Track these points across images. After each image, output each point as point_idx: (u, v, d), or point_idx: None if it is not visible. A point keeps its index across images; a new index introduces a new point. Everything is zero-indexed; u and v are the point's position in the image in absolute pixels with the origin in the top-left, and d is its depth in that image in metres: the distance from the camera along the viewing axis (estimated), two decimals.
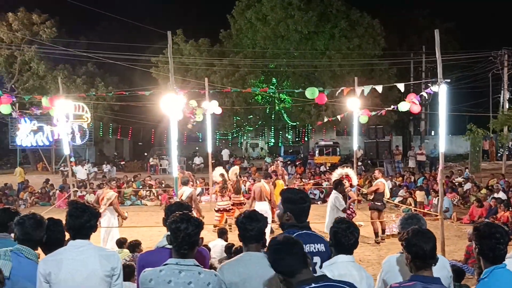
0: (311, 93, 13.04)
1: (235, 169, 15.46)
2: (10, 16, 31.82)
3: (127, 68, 29.19)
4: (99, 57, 28.38)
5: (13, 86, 32.90)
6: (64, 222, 3.84)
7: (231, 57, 32.83)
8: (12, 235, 3.99)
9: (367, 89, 13.31)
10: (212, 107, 15.90)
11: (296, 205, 3.85)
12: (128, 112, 33.14)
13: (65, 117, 16.05)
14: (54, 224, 4.09)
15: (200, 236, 3.60)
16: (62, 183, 21.00)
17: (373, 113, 17.14)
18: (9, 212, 4.30)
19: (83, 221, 3.67)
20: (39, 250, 4.01)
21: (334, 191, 11.49)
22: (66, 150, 15.43)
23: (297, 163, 30.88)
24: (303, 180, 21.96)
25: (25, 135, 27.53)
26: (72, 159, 16.31)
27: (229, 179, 14.12)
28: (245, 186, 19.93)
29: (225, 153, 35.21)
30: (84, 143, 28.93)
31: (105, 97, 29.01)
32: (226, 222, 13.39)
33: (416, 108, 13.01)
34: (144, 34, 35.29)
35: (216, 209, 13.53)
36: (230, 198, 13.48)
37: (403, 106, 13.21)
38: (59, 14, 33.77)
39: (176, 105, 10.99)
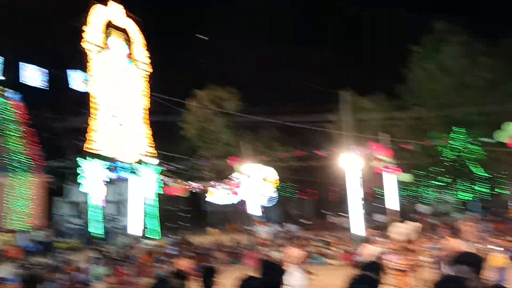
0: (501, 136, 11.83)
1: (417, 226, 14.48)
2: (199, 93, 36.00)
3: (305, 129, 30.21)
4: (276, 121, 29.95)
5: (205, 154, 36.40)
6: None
7: (410, 109, 31.84)
8: None
9: None
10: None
11: None
12: (309, 172, 33.90)
13: (251, 180, 17.06)
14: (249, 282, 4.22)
15: None
16: (249, 242, 22.04)
17: None
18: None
19: (272, 278, 3.73)
20: None
21: None
22: (252, 211, 16.26)
23: (493, 219, 27.81)
24: (504, 237, 19.57)
25: (216, 197, 30.01)
26: (258, 219, 17.09)
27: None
28: (432, 243, 18.53)
29: (421, 208, 33.86)
30: (270, 203, 30.32)
31: (287, 159, 30.26)
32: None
33: None
34: (316, 93, 36.37)
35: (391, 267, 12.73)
36: (406, 257, 12.58)
37: None
38: (243, 85, 37.01)
39: (355, 162, 10.93)
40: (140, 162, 25.67)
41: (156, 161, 27.46)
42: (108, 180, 25.04)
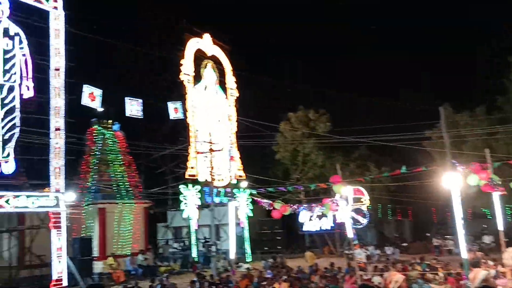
0: None
1: None
2: (291, 115, 36.31)
3: (399, 147, 29.30)
4: (370, 140, 29.35)
5: (297, 176, 36.47)
6: None
7: None
8: None
9: None
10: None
11: None
12: (405, 191, 32.75)
13: (345, 201, 16.80)
14: None
15: None
16: (347, 266, 21.58)
17: None
18: None
19: None
20: None
21: None
22: (349, 233, 15.98)
23: None
24: None
25: (310, 221, 29.96)
26: (355, 242, 16.75)
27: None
28: None
29: None
30: (365, 226, 29.64)
31: (381, 179, 29.47)
32: None
33: None
34: (411, 111, 35.24)
35: None
36: None
37: None
38: (331, 105, 36.89)
39: (456, 180, 10.44)
40: (233, 186, 26.32)
41: (246, 184, 28.00)
42: (205, 205, 25.92)
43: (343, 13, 55.05)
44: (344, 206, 16.34)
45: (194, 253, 26.47)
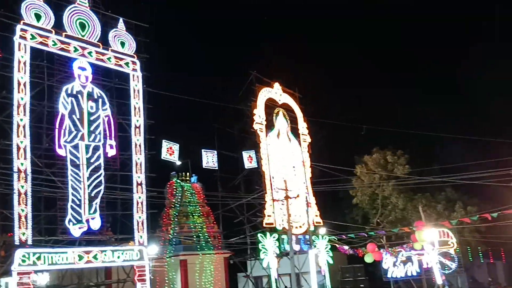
0: None
1: None
2: (367, 158, 35.64)
3: (488, 186, 27.68)
4: (452, 179, 27.99)
5: (377, 220, 35.31)
6: None
7: None
8: None
9: None
10: None
11: None
12: (496, 232, 30.65)
13: (431, 245, 15.98)
14: None
15: None
16: None
17: None
18: None
19: None
20: None
21: None
22: (438, 279, 15.10)
23: None
24: None
25: (395, 266, 28.60)
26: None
27: None
28: None
29: None
30: (454, 270, 27.87)
31: (470, 221, 27.88)
32: None
33: None
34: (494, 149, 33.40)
35: None
36: None
37: None
38: (409, 146, 35.74)
39: None
40: (312, 232, 25.84)
41: (324, 230, 27.39)
42: (285, 253, 25.59)
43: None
44: (431, 250, 15.56)
45: None
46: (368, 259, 26.05)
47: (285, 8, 57.20)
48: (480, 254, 35.54)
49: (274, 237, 25.16)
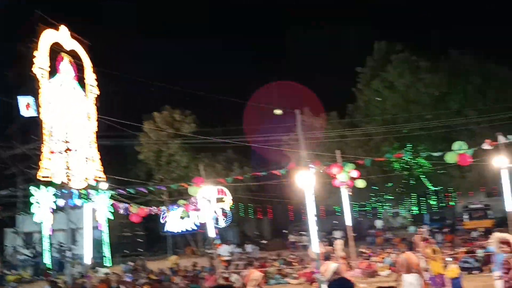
0: (451, 157, 12.27)
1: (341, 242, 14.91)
2: (156, 115, 35.72)
3: (262, 150, 30.36)
4: (234, 141, 29.99)
5: (161, 177, 35.98)
6: None
7: (361, 127, 32.73)
8: None
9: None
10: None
11: None
12: (265, 192, 34.07)
13: (208, 202, 16.99)
14: None
15: None
16: (209, 266, 21.84)
17: None
18: None
19: None
20: None
21: None
22: (211, 233, 16.16)
23: (444, 230, 28.78)
24: (454, 248, 20.37)
25: (175, 221, 29.84)
26: (217, 241, 17.00)
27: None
28: (390, 257, 19.04)
29: (378, 223, 34.63)
30: (227, 225, 30.28)
31: (243, 179, 30.25)
32: None
33: None
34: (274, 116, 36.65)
35: None
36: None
37: None
38: (197, 106, 37.02)
39: (310, 180, 11.10)
40: (91, 187, 25.06)
41: (106, 185, 26.89)
42: (60, 208, 24.33)
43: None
44: (207, 206, 16.53)
45: (47, 260, 24.70)
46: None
47: None
48: (251, 211, 39.11)
49: (49, 191, 23.68)
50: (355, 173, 14.35)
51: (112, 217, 28.26)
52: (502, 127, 26.97)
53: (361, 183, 14.45)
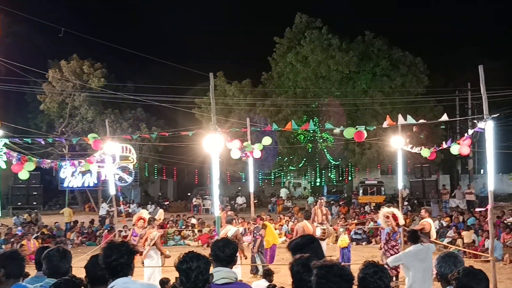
0: (349, 132, 12.83)
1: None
2: (63, 64, 33.61)
3: (172, 111, 29.82)
4: (144, 99, 29.20)
5: (63, 130, 34.27)
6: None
7: (273, 97, 33.19)
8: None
9: (410, 121, 13.04)
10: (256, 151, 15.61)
11: None
12: (172, 153, 33.72)
13: (111, 158, 16.48)
14: (96, 261, 3.92)
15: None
16: (108, 223, 21.41)
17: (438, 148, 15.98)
18: (44, 249, 4.28)
19: (117, 258, 3.61)
20: None
21: None
22: (112, 191, 15.76)
23: (340, 203, 30.39)
24: (347, 220, 21.59)
25: (72, 176, 28.70)
26: (121, 199, 16.62)
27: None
28: (287, 226, 19.78)
29: (282, 192, 35.63)
30: (130, 184, 29.63)
31: (150, 139, 29.67)
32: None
33: (466, 150, 12.29)
34: (187, 76, 36.15)
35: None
36: None
37: (454, 149, 12.39)
38: (108, 60, 35.35)
39: (218, 145, 11.10)
40: None
41: (1, 132, 25.13)
42: None
43: None
44: (110, 163, 16.02)
45: None
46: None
47: None
48: (155, 171, 38.63)
49: None
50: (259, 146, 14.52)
51: (5, 167, 26.55)
52: (403, 110, 28.74)
53: (267, 141, 14.64)
